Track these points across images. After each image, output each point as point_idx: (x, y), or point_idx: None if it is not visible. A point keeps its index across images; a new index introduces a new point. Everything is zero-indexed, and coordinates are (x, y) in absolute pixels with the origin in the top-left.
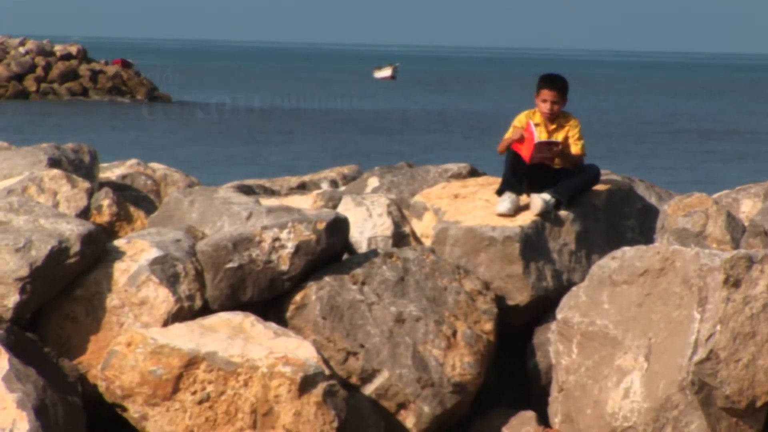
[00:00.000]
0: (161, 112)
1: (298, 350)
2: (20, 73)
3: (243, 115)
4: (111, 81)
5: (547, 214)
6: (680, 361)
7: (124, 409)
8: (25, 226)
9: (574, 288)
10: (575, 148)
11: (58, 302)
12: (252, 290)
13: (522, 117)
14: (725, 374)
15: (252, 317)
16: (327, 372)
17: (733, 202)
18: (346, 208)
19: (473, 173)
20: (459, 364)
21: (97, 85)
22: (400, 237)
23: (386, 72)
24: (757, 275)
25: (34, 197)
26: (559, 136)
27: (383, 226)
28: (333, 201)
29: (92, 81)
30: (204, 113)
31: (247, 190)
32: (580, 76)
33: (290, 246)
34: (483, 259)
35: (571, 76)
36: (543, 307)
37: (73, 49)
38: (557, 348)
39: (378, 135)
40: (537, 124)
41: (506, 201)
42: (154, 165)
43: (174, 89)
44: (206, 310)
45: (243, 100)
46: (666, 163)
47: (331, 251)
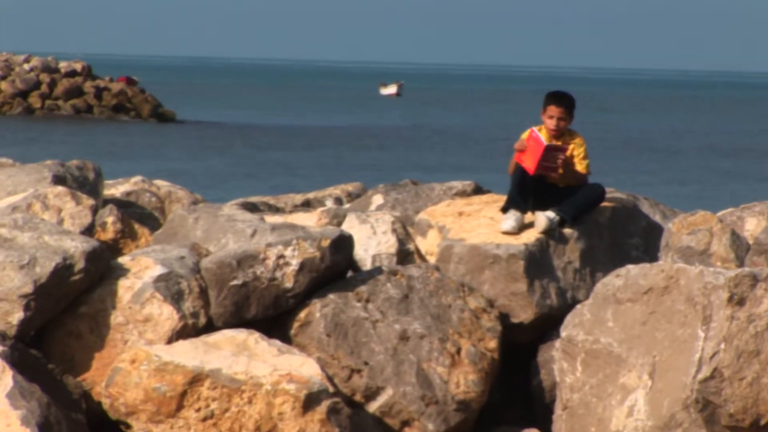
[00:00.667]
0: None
1: (302, 368)
2: (25, 90)
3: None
4: (115, 98)
5: (552, 232)
6: (684, 379)
7: (128, 426)
8: (30, 243)
9: (579, 306)
10: (580, 167)
11: (63, 319)
12: (256, 307)
13: (528, 133)
14: (729, 392)
15: (256, 334)
16: (331, 389)
17: (738, 221)
18: (351, 226)
19: (478, 191)
20: (463, 382)
21: (102, 102)
22: (405, 254)
23: (392, 89)
24: (762, 293)
25: (39, 214)
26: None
27: (388, 244)
28: (337, 218)
29: (97, 98)
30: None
31: (252, 208)
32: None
33: (295, 263)
34: (487, 277)
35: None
36: (547, 325)
37: (78, 66)
38: (561, 366)
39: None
40: None
41: (511, 219)
42: (159, 182)
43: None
44: (210, 328)
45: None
46: (671, 181)
47: (336, 269)
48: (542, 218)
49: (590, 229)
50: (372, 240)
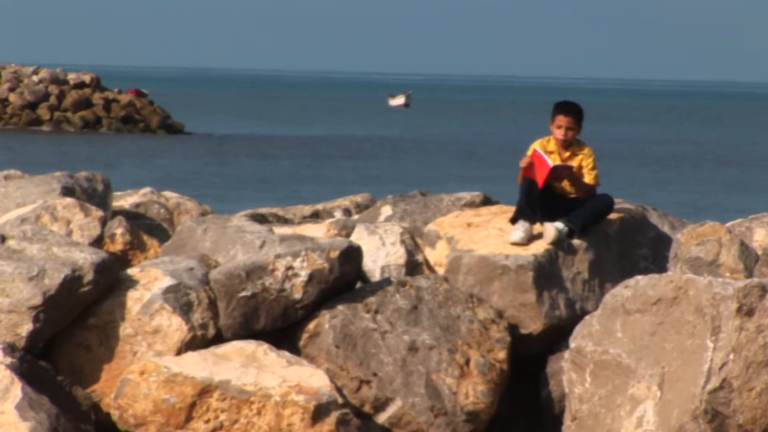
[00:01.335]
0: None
1: (311, 379)
2: (33, 102)
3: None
4: (124, 110)
5: (560, 243)
6: (693, 390)
7: None
8: (39, 255)
9: (587, 317)
10: (588, 178)
11: (72, 331)
12: (265, 319)
13: (536, 145)
14: (738, 403)
15: (265, 346)
16: (340, 400)
17: (747, 231)
18: (360, 237)
19: (486, 202)
20: (472, 393)
21: (111, 114)
22: (414, 265)
23: (400, 100)
24: None
25: (48, 226)
26: (573, 164)
27: (396, 255)
28: (346, 229)
29: (105, 110)
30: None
31: (260, 219)
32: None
33: (303, 274)
34: (496, 288)
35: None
36: (556, 336)
37: (87, 78)
38: (570, 377)
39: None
40: (551, 152)
41: (519, 230)
42: (168, 193)
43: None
44: (219, 339)
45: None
46: (679, 191)
47: (345, 280)
48: (551, 229)
49: (599, 240)
50: (381, 251)
